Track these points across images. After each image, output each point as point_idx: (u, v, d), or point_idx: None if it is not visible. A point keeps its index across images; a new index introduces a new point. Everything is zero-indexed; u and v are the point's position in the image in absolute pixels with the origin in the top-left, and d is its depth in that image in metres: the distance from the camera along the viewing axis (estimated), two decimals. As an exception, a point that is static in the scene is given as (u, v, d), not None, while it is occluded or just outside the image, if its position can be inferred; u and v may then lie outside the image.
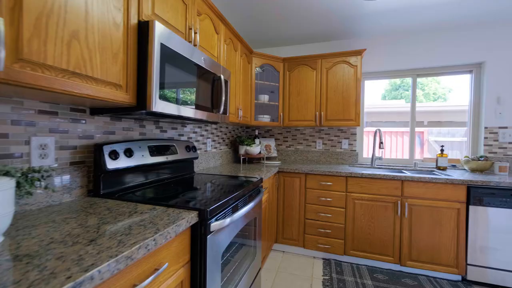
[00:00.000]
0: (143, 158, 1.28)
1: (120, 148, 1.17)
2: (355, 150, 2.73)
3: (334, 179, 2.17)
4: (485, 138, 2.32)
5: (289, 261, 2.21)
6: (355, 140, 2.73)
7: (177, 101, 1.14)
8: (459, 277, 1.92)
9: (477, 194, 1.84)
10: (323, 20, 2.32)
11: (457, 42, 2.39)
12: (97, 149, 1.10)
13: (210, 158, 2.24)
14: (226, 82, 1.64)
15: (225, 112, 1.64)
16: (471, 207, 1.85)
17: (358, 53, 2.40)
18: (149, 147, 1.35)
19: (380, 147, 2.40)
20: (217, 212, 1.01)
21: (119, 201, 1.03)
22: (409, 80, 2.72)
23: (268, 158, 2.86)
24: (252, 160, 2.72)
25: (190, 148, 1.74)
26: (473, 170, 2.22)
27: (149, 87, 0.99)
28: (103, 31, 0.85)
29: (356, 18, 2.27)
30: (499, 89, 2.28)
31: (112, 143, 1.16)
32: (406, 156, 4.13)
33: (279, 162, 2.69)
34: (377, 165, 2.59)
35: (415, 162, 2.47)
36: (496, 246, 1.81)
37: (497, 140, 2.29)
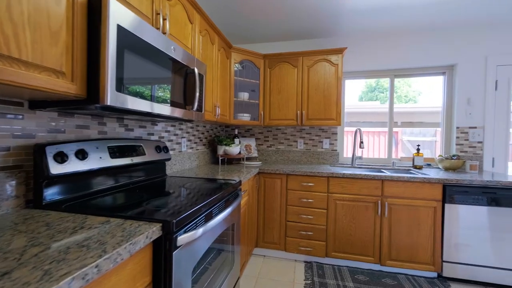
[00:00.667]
0: (101, 160, 1.10)
1: (69, 149, 0.99)
2: (336, 150, 2.71)
3: (315, 179, 2.12)
4: (457, 137, 2.41)
5: (270, 266, 2.12)
6: (336, 140, 2.71)
7: (140, 95, 0.98)
8: (435, 274, 1.96)
9: (452, 193, 1.88)
10: (304, 16, 2.26)
11: (432, 44, 2.45)
12: (38, 150, 0.90)
13: (185, 159, 2.07)
14: (201, 76, 1.49)
15: (199, 109, 1.50)
16: (446, 205, 1.89)
17: (339, 51, 2.37)
18: (109, 147, 1.17)
19: (360, 147, 2.39)
20: (186, 222, 0.87)
21: (65, 213, 0.85)
22: (384, 83, 2.76)
23: (249, 159, 2.75)
24: (231, 160, 2.59)
25: (161, 148, 1.57)
26: (446, 169, 2.29)
27: (102, 77, 0.82)
28: (36, 2, 0.67)
29: (337, 16, 2.24)
30: (469, 91, 2.38)
31: (60, 143, 0.97)
32: (383, 155, 4.25)
33: (260, 162, 2.59)
34: (357, 165, 2.59)
35: (393, 162, 2.50)
36: (469, 242, 1.86)
37: (467, 140, 2.39)
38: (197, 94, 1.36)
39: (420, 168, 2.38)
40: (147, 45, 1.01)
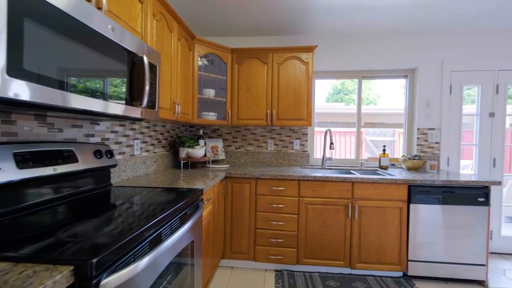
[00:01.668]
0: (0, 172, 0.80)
1: None
2: (307, 151, 2.64)
3: (286, 183, 2.00)
4: (418, 138, 2.52)
5: (238, 279, 1.94)
6: (306, 141, 2.64)
7: (62, 85, 0.72)
8: (401, 274, 1.99)
9: (416, 193, 1.91)
10: (273, 10, 2.12)
11: (396, 48, 2.52)
12: None
13: (139, 164, 1.78)
14: (153, 67, 1.25)
15: (152, 106, 1.26)
16: (411, 205, 1.92)
17: (310, 49, 2.29)
18: (17, 154, 0.87)
19: (330, 148, 2.35)
20: (116, 258, 0.65)
21: None
22: (348, 85, 2.79)
23: (215, 161, 2.53)
24: (195, 164, 2.35)
25: (103, 153, 1.28)
26: (409, 169, 2.36)
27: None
28: None
29: (308, 13, 2.15)
30: (428, 94, 2.50)
31: None
32: (349, 155, 4.36)
33: (228, 165, 2.40)
34: (327, 166, 2.56)
35: (361, 162, 2.52)
36: (431, 240, 1.92)
37: (427, 140, 2.51)
38: (147, 88, 1.12)
39: (385, 168, 2.43)
40: (64, 16, 0.75)
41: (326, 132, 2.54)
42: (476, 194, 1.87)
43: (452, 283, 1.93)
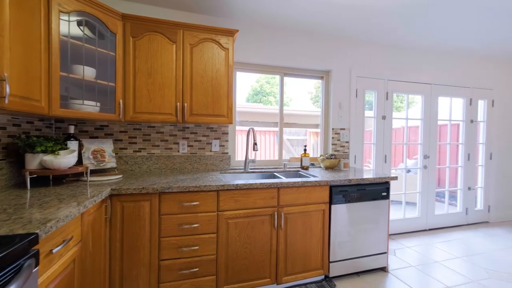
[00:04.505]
0: None
1: None
2: (227, 153, 2.29)
3: (201, 196, 1.57)
4: (333, 138, 2.62)
5: None
6: (227, 141, 2.28)
7: None
8: (323, 276, 1.93)
9: (336, 193, 1.89)
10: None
11: (315, 48, 2.52)
12: None
13: None
14: None
15: None
16: (332, 206, 1.89)
17: (231, 33, 1.93)
18: None
19: (254, 149, 2.08)
20: None
21: None
22: (265, 88, 2.65)
23: (100, 172, 1.79)
24: (61, 178, 1.55)
25: None
26: (327, 168, 2.41)
27: None
28: None
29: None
30: (340, 96, 2.64)
31: None
32: (269, 155, 4.31)
33: (120, 176, 1.73)
34: (250, 169, 2.29)
35: (284, 163, 2.39)
36: (347, 238, 1.94)
37: (339, 140, 2.65)
38: None
39: (307, 168, 2.39)
40: None
41: (249, 131, 2.26)
42: (380, 190, 2.03)
43: (364, 275, 2.02)
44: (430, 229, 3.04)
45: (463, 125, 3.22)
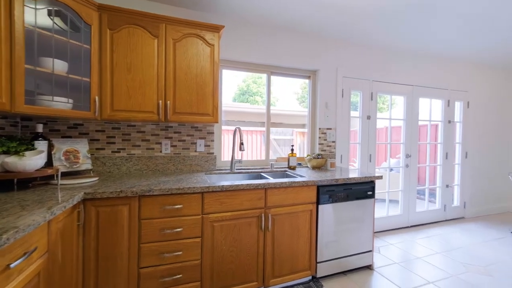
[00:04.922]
0: None
1: None
2: (213, 153, 2.21)
3: (185, 198, 1.49)
4: (319, 137, 2.63)
5: None
6: (212, 141, 2.21)
7: None
8: (310, 277, 1.92)
9: (323, 193, 1.88)
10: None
11: (302, 47, 2.51)
12: None
13: None
14: None
15: None
16: (319, 206, 1.87)
17: (216, 29, 1.87)
18: None
19: (240, 149, 2.03)
20: None
21: None
22: (252, 88, 2.61)
23: (74, 174, 1.66)
24: (27, 182, 1.41)
25: None
26: (313, 167, 2.40)
27: None
28: None
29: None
30: (327, 96, 2.65)
31: None
32: (255, 155, 4.27)
33: (96, 178, 1.60)
34: (237, 169, 2.23)
35: (271, 163, 2.35)
36: (334, 238, 1.94)
37: (326, 140, 2.66)
38: None
39: (294, 168, 2.37)
40: None
41: (235, 131, 2.20)
42: (366, 189, 2.05)
43: (350, 274, 2.04)
44: (411, 226, 3.14)
45: (442, 125, 3.36)
